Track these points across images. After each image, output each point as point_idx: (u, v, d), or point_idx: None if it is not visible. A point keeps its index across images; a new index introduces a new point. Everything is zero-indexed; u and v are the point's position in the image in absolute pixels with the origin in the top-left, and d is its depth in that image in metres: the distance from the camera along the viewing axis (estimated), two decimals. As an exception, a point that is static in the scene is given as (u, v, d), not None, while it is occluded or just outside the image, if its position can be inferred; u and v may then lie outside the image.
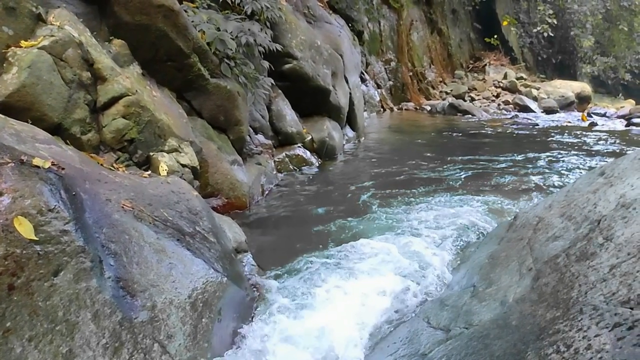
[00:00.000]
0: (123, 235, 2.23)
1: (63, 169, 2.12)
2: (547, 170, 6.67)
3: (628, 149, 8.47)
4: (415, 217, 4.49)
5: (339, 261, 3.51)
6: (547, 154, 8.05)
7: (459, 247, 3.79)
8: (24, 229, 1.71)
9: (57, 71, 3.16)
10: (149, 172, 3.45)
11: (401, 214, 4.61)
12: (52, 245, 1.80)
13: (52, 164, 2.05)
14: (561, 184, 5.84)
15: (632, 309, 1.47)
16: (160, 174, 3.48)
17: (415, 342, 2.36)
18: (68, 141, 3.14)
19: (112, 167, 3.19)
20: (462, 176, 6.32)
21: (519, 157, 7.68)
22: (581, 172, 6.41)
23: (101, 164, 3.04)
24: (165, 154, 3.78)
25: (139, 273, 2.17)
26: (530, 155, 7.90)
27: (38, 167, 1.96)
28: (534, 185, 5.88)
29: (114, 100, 3.52)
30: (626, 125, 12.42)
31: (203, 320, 2.33)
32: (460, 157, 7.56)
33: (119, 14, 3.91)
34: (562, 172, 6.61)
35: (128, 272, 2.13)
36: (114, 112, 3.51)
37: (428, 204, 4.93)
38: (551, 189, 5.60)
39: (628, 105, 17.69)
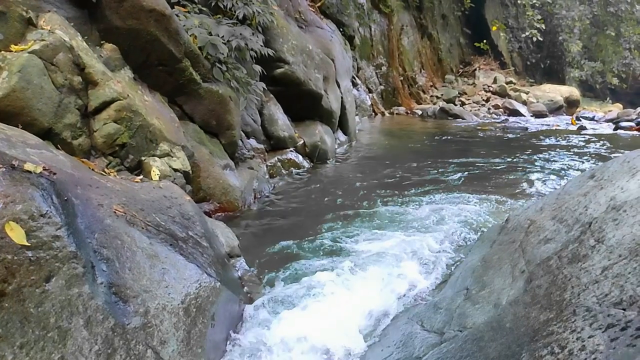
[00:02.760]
0: (115, 241, 2.22)
1: (54, 174, 2.10)
2: (538, 173, 6.72)
3: (617, 152, 8.57)
4: (408, 219, 4.50)
5: (332, 264, 3.51)
6: (538, 157, 8.12)
7: (452, 248, 3.80)
8: (16, 234, 1.69)
9: (47, 76, 3.14)
10: (141, 177, 3.42)
11: (393, 217, 4.62)
12: (43, 251, 1.78)
13: (43, 169, 2.03)
14: (552, 186, 5.89)
15: (624, 310, 1.49)
16: (152, 179, 3.46)
17: (409, 345, 2.36)
18: (59, 146, 3.11)
19: (103, 172, 3.16)
20: (455, 179, 6.35)
21: (510, 160, 7.73)
22: (571, 175, 6.47)
23: (92, 169, 3.01)
24: (157, 158, 3.76)
25: (132, 279, 2.15)
26: (522, 158, 7.97)
27: (29, 172, 1.94)
28: (525, 187, 5.92)
29: (105, 105, 3.50)
30: (614, 129, 12.57)
31: (196, 325, 2.31)
32: (452, 160, 7.60)
33: (110, 18, 3.90)
34: (553, 174, 6.67)
35: (120, 277, 2.11)
36: (105, 116, 3.49)
37: (421, 206, 4.95)
38: (542, 191, 5.64)
39: (615, 109, 17.90)
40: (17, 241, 1.69)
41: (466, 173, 6.70)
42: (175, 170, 3.87)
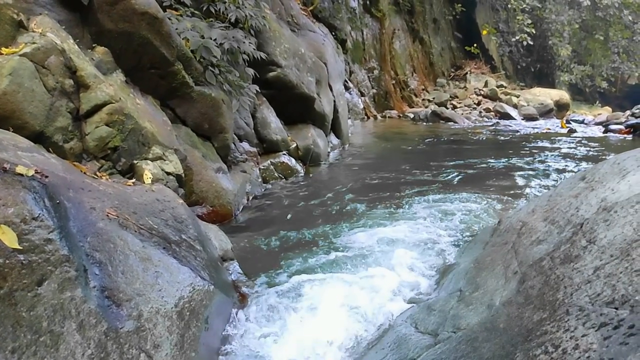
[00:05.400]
0: (108, 244, 2.20)
1: (47, 177, 2.08)
2: (529, 175, 6.77)
3: (606, 154, 8.66)
4: (401, 221, 4.51)
5: (325, 267, 3.51)
6: (529, 159, 8.18)
7: (446, 249, 3.81)
8: (7, 237, 1.68)
9: (39, 79, 3.12)
10: (133, 180, 3.41)
11: (386, 218, 4.63)
12: (36, 255, 1.77)
13: (35, 172, 2.02)
14: (543, 188, 5.93)
15: (616, 308, 1.50)
16: (144, 182, 3.45)
17: (403, 347, 2.37)
18: (50, 149, 3.09)
19: (95, 176, 3.14)
20: (447, 180, 6.38)
21: (502, 163, 7.79)
22: (563, 177, 6.53)
23: (84, 173, 2.99)
24: (149, 162, 3.75)
25: (125, 282, 2.14)
26: (513, 160, 8.02)
27: (21, 175, 1.93)
28: (517, 189, 5.96)
29: (97, 108, 3.48)
30: (604, 132, 12.69)
31: (190, 329, 2.30)
32: (444, 163, 7.64)
33: (102, 21, 3.88)
34: (544, 176, 6.72)
35: (113, 281, 2.09)
36: (97, 120, 3.47)
37: (414, 208, 4.96)
38: (534, 193, 5.68)
39: (605, 112, 18.07)
40: (8, 244, 1.68)
41: (459, 175, 6.74)
42: (168, 173, 3.85)
